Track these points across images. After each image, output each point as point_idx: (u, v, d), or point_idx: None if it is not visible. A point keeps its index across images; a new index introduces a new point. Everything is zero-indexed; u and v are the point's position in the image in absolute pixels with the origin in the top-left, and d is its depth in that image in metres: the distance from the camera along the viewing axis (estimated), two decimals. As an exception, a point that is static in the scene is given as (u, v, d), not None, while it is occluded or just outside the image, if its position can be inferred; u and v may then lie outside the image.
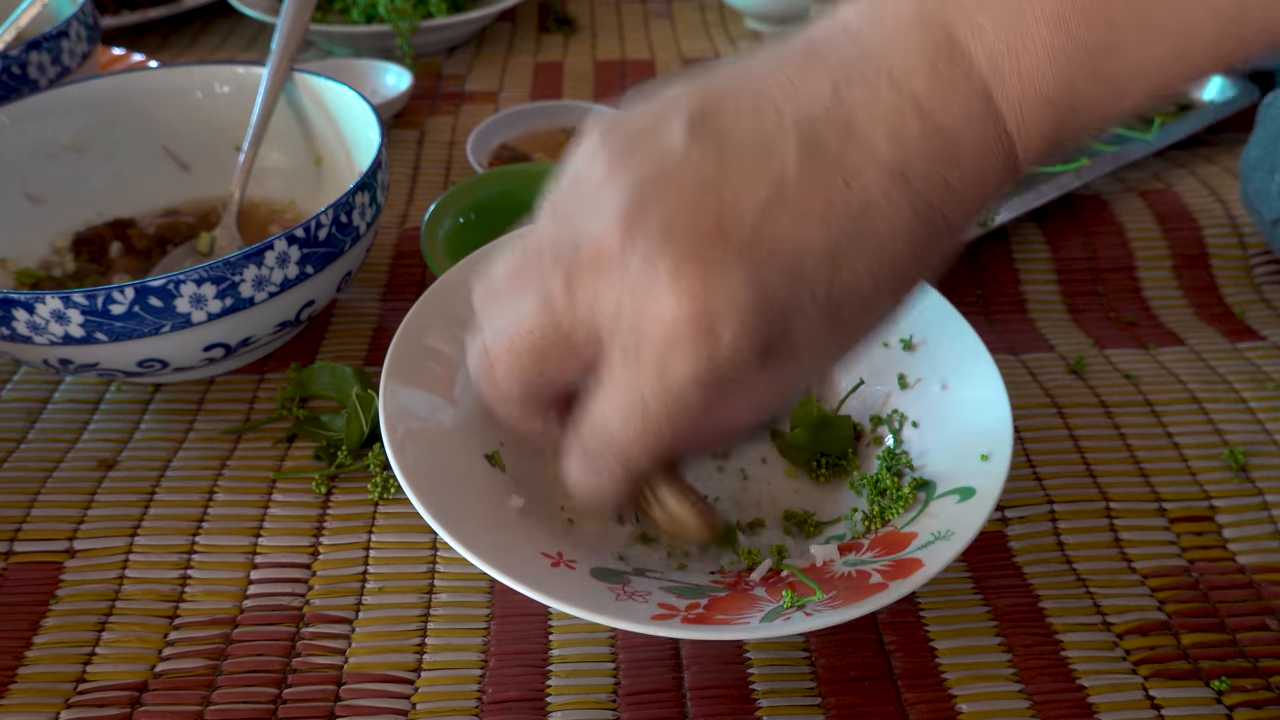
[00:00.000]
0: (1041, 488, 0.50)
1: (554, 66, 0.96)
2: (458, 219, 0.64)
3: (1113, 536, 0.47)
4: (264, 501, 0.50)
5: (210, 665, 0.43)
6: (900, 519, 0.43)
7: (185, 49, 1.00)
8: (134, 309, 0.48)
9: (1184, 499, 0.49)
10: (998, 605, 0.44)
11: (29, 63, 0.67)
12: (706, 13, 1.07)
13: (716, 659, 0.43)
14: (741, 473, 0.49)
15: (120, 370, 0.52)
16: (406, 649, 0.43)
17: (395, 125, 0.84)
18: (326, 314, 0.63)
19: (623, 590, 0.39)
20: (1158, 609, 0.44)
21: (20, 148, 0.63)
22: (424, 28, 0.92)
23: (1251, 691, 0.41)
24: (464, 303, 0.51)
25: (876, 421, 0.49)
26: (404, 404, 0.44)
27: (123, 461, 0.53)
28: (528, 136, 0.80)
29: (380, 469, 0.51)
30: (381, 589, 0.46)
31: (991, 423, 0.43)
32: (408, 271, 0.67)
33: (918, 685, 0.41)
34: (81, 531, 0.49)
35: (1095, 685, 0.41)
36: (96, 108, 0.65)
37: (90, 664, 0.43)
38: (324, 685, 0.42)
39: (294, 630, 0.44)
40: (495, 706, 0.41)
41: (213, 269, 0.48)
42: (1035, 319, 0.62)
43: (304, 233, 0.51)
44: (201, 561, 0.47)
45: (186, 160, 0.68)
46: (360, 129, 0.62)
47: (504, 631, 0.44)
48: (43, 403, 0.57)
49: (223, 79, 0.67)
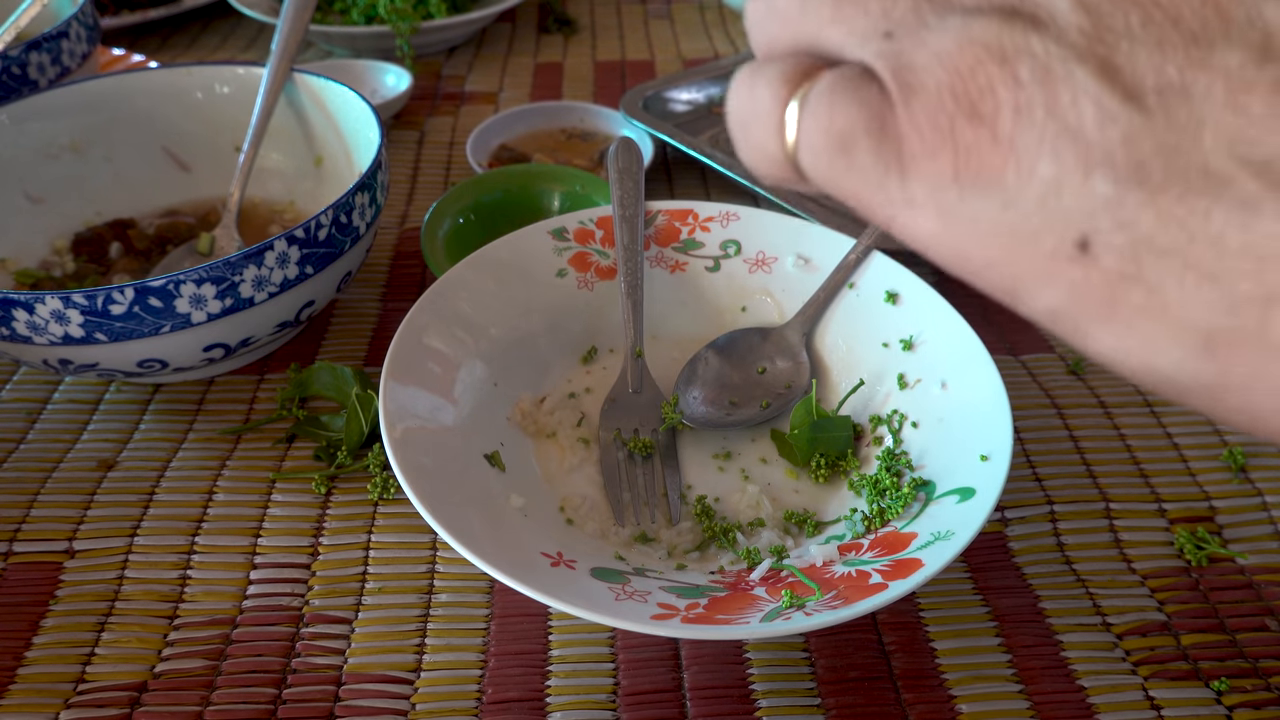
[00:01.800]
0: (1041, 488, 0.50)
1: (554, 67, 0.96)
2: (458, 219, 0.64)
3: (1112, 537, 0.47)
4: (264, 502, 0.50)
5: (210, 665, 0.43)
6: (900, 519, 0.43)
7: (185, 49, 1.00)
8: (134, 309, 0.48)
9: (1184, 499, 0.49)
10: (998, 605, 0.44)
11: (29, 63, 0.67)
12: (706, 13, 1.07)
13: (716, 659, 0.42)
14: (742, 473, 0.49)
15: (120, 370, 0.52)
16: (406, 649, 0.43)
17: (395, 125, 0.84)
18: (326, 314, 0.63)
19: (623, 590, 0.39)
20: (1157, 609, 0.44)
21: (20, 148, 0.63)
22: (424, 28, 0.92)
23: (1251, 692, 0.41)
24: (464, 303, 0.51)
25: (876, 421, 0.49)
26: (404, 403, 0.44)
27: (122, 462, 0.53)
28: (527, 137, 0.80)
29: (380, 469, 0.51)
30: (381, 589, 0.46)
31: (991, 423, 0.43)
32: (408, 271, 0.67)
33: (918, 685, 0.41)
34: (81, 532, 0.49)
35: (1095, 686, 0.41)
36: (96, 108, 0.65)
37: (90, 664, 0.43)
38: (324, 685, 0.42)
39: (294, 630, 0.44)
40: (495, 706, 0.41)
41: (213, 269, 0.48)
42: (1035, 319, 0.61)
43: (304, 233, 0.51)
44: (201, 562, 0.47)
45: (186, 160, 0.68)
46: (360, 129, 0.62)
47: (504, 631, 0.44)
48: (42, 403, 0.57)
49: (223, 79, 0.67)
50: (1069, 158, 0.18)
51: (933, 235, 0.21)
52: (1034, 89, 0.18)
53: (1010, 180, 0.19)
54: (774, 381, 0.51)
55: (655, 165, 0.77)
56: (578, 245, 0.55)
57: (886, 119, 0.20)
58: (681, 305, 0.55)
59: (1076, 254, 0.19)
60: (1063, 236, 0.19)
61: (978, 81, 0.19)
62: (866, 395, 0.50)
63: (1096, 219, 0.18)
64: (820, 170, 0.22)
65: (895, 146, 0.20)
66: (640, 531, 0.46)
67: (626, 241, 0.54)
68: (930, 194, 0.20)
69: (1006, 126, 0.19)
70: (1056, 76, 0.18)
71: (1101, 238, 0.18)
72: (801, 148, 0.22)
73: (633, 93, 0.79)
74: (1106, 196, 0.18)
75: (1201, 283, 0.18)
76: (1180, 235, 0.18)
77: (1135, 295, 0.18)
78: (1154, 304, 0.18)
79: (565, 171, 0.68)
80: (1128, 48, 0.18)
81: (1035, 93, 0.18)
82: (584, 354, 0.54)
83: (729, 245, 0.55)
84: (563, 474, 0.48)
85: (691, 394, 0.51)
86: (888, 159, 0.20)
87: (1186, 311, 0.18)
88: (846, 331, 0.52)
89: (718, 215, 0.56)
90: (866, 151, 0.20)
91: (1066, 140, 0.18)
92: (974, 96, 0.19)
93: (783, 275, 0.54)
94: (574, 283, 0.54)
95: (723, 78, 0.84)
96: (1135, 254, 0.18)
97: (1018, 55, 0.19)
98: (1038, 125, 0.18)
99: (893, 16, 0.20)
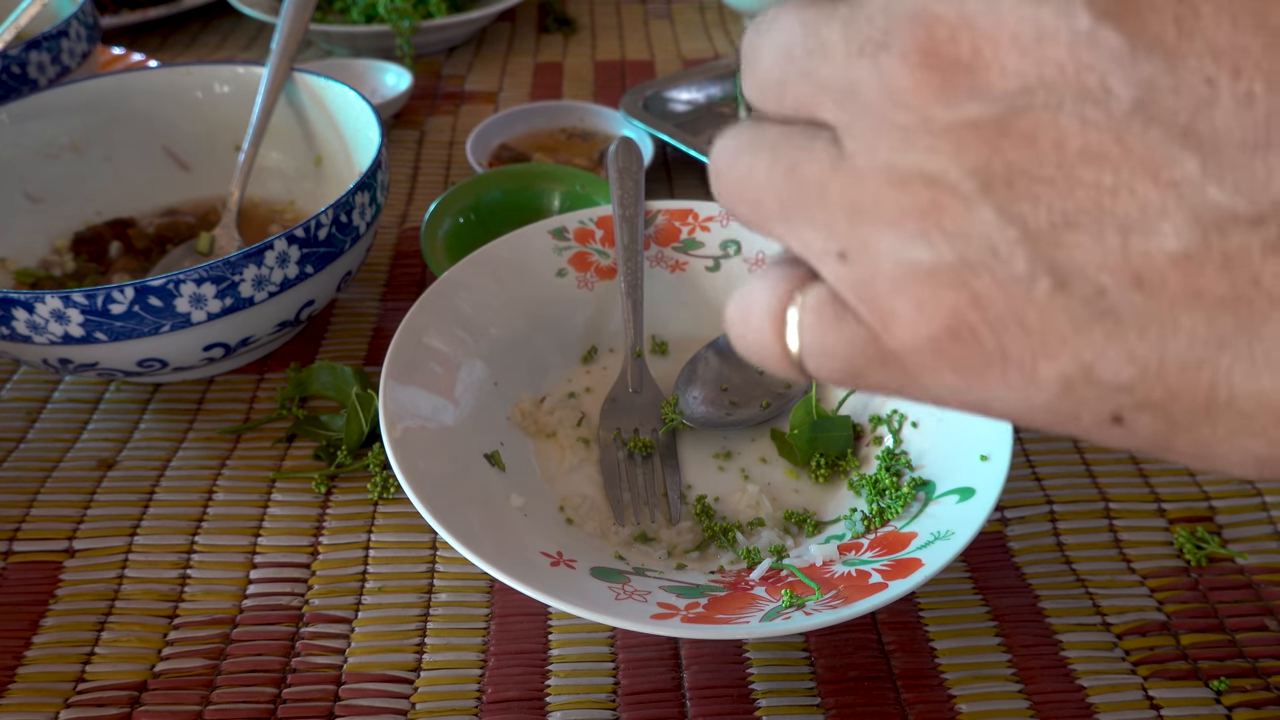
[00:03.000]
0: (1041, 488, 0.50)
1: (554, 67, 0.96)
2: (457, 219, 0.64)
3: (1112, 537, 0.47)
4: (263, 501, 0.50)
5: (210, 665, 0.43)
6: (900, 519, 0.43)
7: (185, 49, 1.00)
8: (134, 309, 0.48)
9: (1183, 499, 0.49)
10: (997, 605, 0.44)
11: (29, 63, 0.67)
12: (706, 13, 1.07)
13: (716, 658, 0.43)
14: (742, 472, 0.49)
15: (120, 370, 0.52)
16: (406, 649, 0.43)
17: (395, 125, 0.84)
18: (326, 314, 0.63)
19: (622, 590, 0.39)
20: (1157, 609, 0.44)
21: (20, 148, 0.63)
22: (424, 28, 0.92)
23: (1251, 691, 0.41)
24: (464, 302, 0.51)
25: (876, 421, 0.49)
26: (404, 403, 0.44)
27: (122, 461, 0.53)
28: (527, 136, 0.80)
29: (380, 469, 0.51)
30: (381, 589, 0.46)
31: (991, 422, 0.43)
32: (408, 271, 0.67)
33: (918, 685, 0.41)
34: (81, 531, 0.49)
35: (1095, 685, 0.41)
36: (96, 108, 0.65)
37: (89, 664, 0.43)
38: (323, 685, 0.42)
39: (293, 630, 0.44)
40: (495, 706, 0.41)
41: (212, 269, 0.48)
42: (1035, 319, 0.62)
43: (304, 233, 0.51)
44: (201, 561, 0.47)
45: (186, 160, 0.68)
46: (360, 129, 0.62)
47: (504, 631, 0.44)
48: (42, 403, 0.57)
49: (223, 79, 0.67)
50: (1065, 362, 0.18)
51: (969, 413, 0.21)
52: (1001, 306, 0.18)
53: (1018, 382, 0.19)
54: (774, 381, 0.51)
55: (655, 165, 0.77)
56: (578, 245, 0.55)
57: (880, 343, 0.20)
58: (681, 305, 0.55)
59: (1113, 425, 0.19)
60: (1095, 418, 0.19)
61: (941, 309, 0.19)
62: (866, 395, 0.50)
63: (1119, 399, 0.18)
64: (833, 381, 0.22)
65: (899, 365, 0.20)
66: (640, 531, 0.46)
67: (626, 241, 0.54)
68: (951, 395, 0.20)
69: (990, 343, 0.18)
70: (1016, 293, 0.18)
71: (1129, 414, 0.18)
72: (807, 362, 0.21)
73: (633, 93, 0.79)
74: (1119, 384, 0.18)
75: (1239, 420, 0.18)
76: (1200, 391, 0.18)
77: (1180, 442, 0.18)
78: (1207, 439, 0.18)
79: (565, 171, 0.68)
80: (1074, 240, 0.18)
81: (1003, 308, 0.18)
82: (584, 354, 0.54)
83: (729, 245, 0.55)
84: (563, 474, 0.48)
85: (691, 394, 0.51)
86: (893, 373, 0.20)
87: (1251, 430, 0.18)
88: (846, 331, 0.52)
89: (718, 215, 0.56)
90: (871, 373, 0.20)
91: (1058, 345, 0.18)
92: (948, 323, 0.19)
93: (783, 275, 0.54)
94: (574, 282, 0.54)
95: (723, 77, 0.84)
96: (1168, 417, 0.18)
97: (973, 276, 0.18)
98: (1023, 335, 0.18)
99: (838, 233, 0.20)
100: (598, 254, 0.55)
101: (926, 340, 0.19)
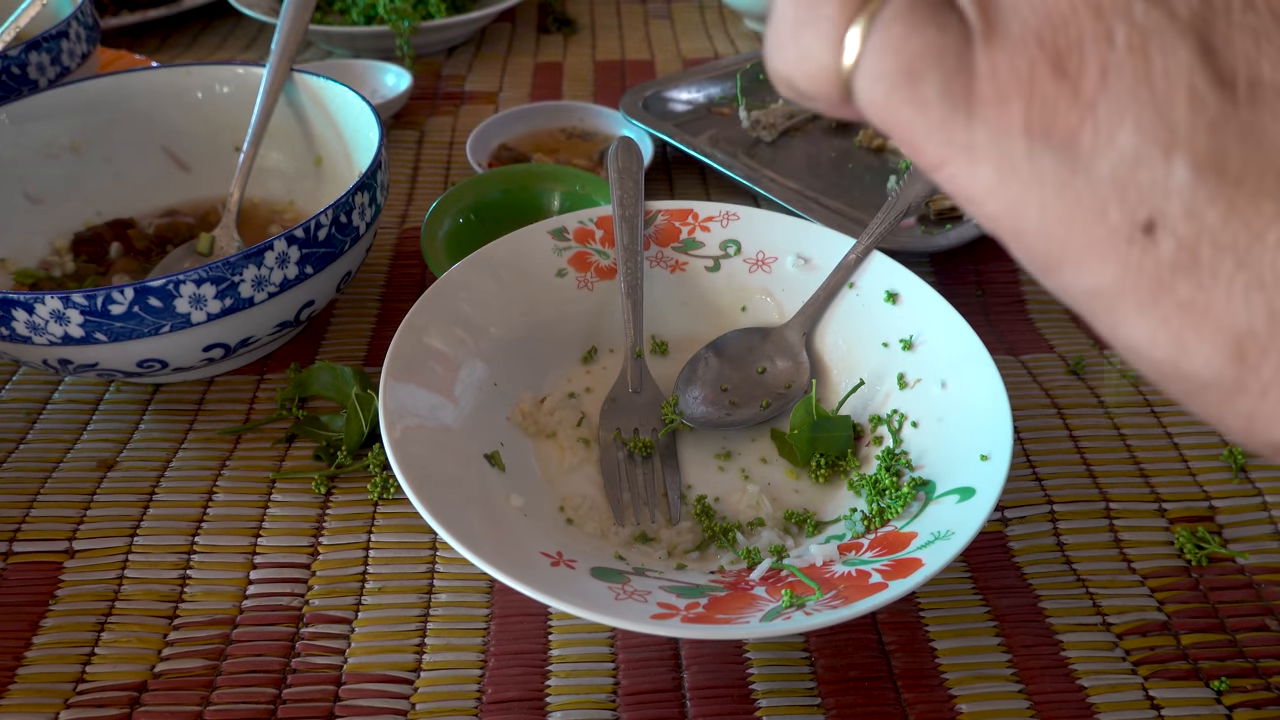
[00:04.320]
0: (1041, 488, 0.50)
1: (554, 67, 0.96)
2: (457, 219, 0.64)
3: (1112, 537, 0.47)
4: (263, 502, 0.50)
5: (210, 665, 0.43)
6: (900, 519, 0.43)
7: (185, 49, 1.00)
8: (134, 309, 0.48)
9: (1184, 499, 0.49)
10: (998, 605, 0.44)
11: (29, 63, 0.67)
12: (706, 13, 1.07)
13: (716, 659, 0.42)
14: (742, 472, 0.49)
15: (120, 370, 0.52)
16: (406, 649, 0.43)
17: (395, 125, 0.84)
18: (326, 314, 0.63)
19: (622, 590, 0.39)
20: (1157, 609, 0.44)
21: (20, 148, 0.63)
22: (424, 28, 0.92)
23: (1251, 691, 0.41)
24: (464, 302, 0.51)
25: (876, 421, 0.49)
26: (404, 402, 0.44)
27: (122, 462, 0.53)
28: (527, 137, 0.80)
29: (380, 469, 0.51)
30: (381, 589, 0.46)
31: (991, 423, 0.43)
32: (408, 271, 0.67)
33: (918, 685, 0.41)
34: (81, 532, 0.49)
35: (1095, 685, 0.41)
36: (96, 108, 0.65)
37: (90, 664, 0.43)
38: (323, 685, 0.42)
39: (293, 630, 0.44)
40: (495, 706, 0.41)
41: (212, 269, 0.48)
42: (1035, 319, 0.62)
43: (304, 233, 0.51)
44: (201, 562, 0.47)
45: (186, 160, 0.68)
46: (360, 129, 0.62)
47: (504, 631, 0.44)
48: (42, 403, 0.57)
49: (223, 79, 0.67)
50: (1152, 133, 0.17)
51: (987, 190, 0.19)
52: (1126, 53, 0.17)
53: (1085, 144, 0.18)
54: (774, 381, 0.51)
55: (655, 165, 0.77)
56: (578, 245, 0.55)
57: (963, 53, 0.19)
58: (681, 305, 0.55)
59: (1139, 235, 0.18)
60: (1130, 216, 0.18)
61: (1068, 33, 0.18)
62: (866, 395, 0.50)
63: (1168, 202, 0.17)
64: (877, 97, 0.20)
65: (966, 84, 0.19)
66: (640, 531, 0.46)
67: (626, 241, 0.54)
68: (994, 142, 0.19)
69: (1090, 86, 0.17)
70: (1154, 46, 0.17)
71: (1168, 223, 0.17)
72: (861, 69, 0.20)
73: (633, 93, 0.79)
74: (1182, 182, 0.17)
75: (1251, 286, 0.17)
76: (1242, 235, 0.17)
77: (1183, 288, 0.18)
78: (1199, 300, 0.18)
79: (565, 171, 0.68)
80: (1227, 32, 0.17)
81: (1127, 58, 0.17)
82: (584, 354, 0.54)
83: (729, 245, 0.55)
84: (563, 474, 0.48)
85: (691, 394, 0.51)
86: (956, 96, 0.19)
87: (1229, 312, 0.17)
88: (846, 331, 0.52)
89: (718, 215, 0.56)
90: (934, 85, 0.19)
91: (1152, 114, 0.17)
92: (1061, 48, 0.18)
93: (783, 275, 0.54)
94: (574, 282, 0.54)
95: (723, 78, 0.84)
96: (1196, 246, 0.17)
97: (1115, 14, 0.17)
98: (1125, 92, 0.17)
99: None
100: (598, 254, 0.55)
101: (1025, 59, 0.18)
